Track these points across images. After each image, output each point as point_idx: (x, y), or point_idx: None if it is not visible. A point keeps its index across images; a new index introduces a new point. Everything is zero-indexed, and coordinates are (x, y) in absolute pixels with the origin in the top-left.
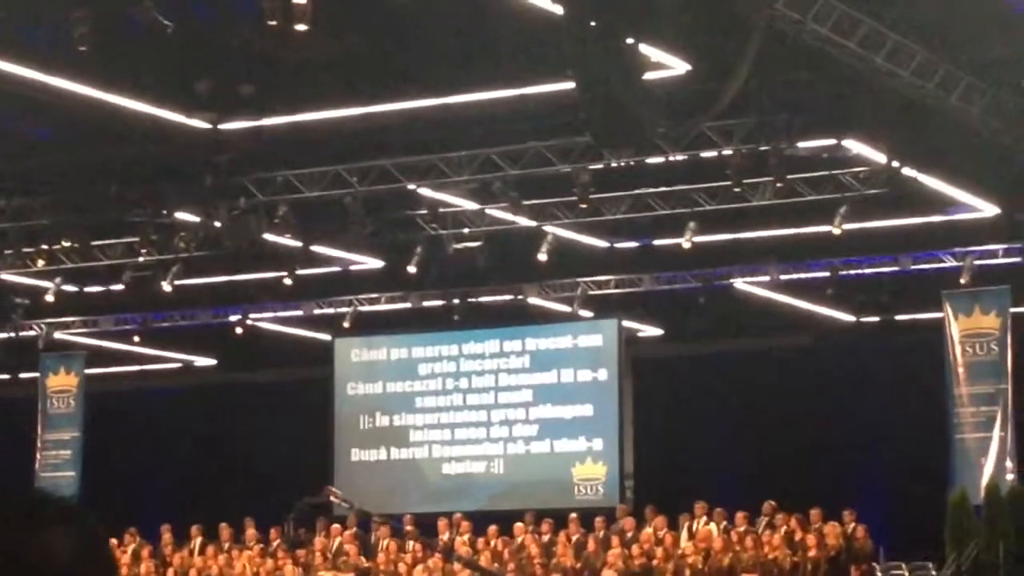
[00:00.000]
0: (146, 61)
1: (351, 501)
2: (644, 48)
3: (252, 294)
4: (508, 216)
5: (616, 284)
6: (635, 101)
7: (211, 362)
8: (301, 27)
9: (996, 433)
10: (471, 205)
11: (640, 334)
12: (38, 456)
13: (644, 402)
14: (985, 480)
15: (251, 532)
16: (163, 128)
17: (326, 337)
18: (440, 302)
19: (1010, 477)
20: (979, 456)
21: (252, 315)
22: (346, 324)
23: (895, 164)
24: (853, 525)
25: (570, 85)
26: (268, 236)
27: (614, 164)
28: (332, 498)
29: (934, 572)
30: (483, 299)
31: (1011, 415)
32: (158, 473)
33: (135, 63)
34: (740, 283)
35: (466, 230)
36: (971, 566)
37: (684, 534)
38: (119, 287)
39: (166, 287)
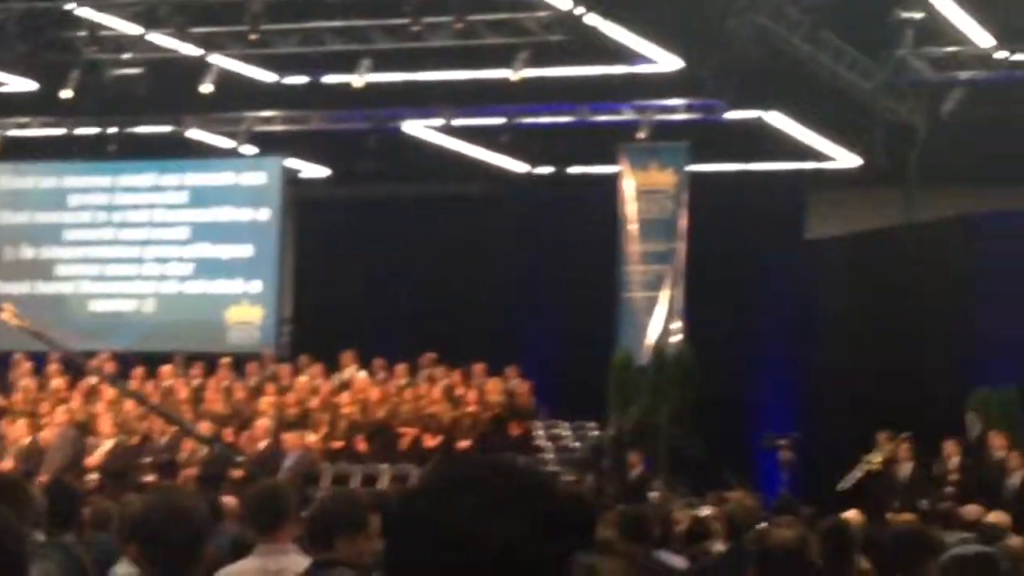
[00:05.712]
0: None
1: (26, 320)
2: None
3: None
4: (173, 43)
5: (283, 121)
6: None
7: None
8: None
9: (665, 292)
10: (134, 29)
11: (305, 174)
12: None
13: (306, 245)
14: (652, 340)
15: None
16: None
17: None
18: (95, 130)
19: (678, 338)
20: (646, 315)
21: None
22: None
23: (578, 11)
24: (515, 381)
25: None
26: None
27: None
28: (4, 316)
29: (595, 431)
30: (141, 130)
31: (682, 274)
32: None
33: None
34: (411, 126)
35: (127, 56)
36: (634, 427)
37: (339, 383)
38: None
39: None
